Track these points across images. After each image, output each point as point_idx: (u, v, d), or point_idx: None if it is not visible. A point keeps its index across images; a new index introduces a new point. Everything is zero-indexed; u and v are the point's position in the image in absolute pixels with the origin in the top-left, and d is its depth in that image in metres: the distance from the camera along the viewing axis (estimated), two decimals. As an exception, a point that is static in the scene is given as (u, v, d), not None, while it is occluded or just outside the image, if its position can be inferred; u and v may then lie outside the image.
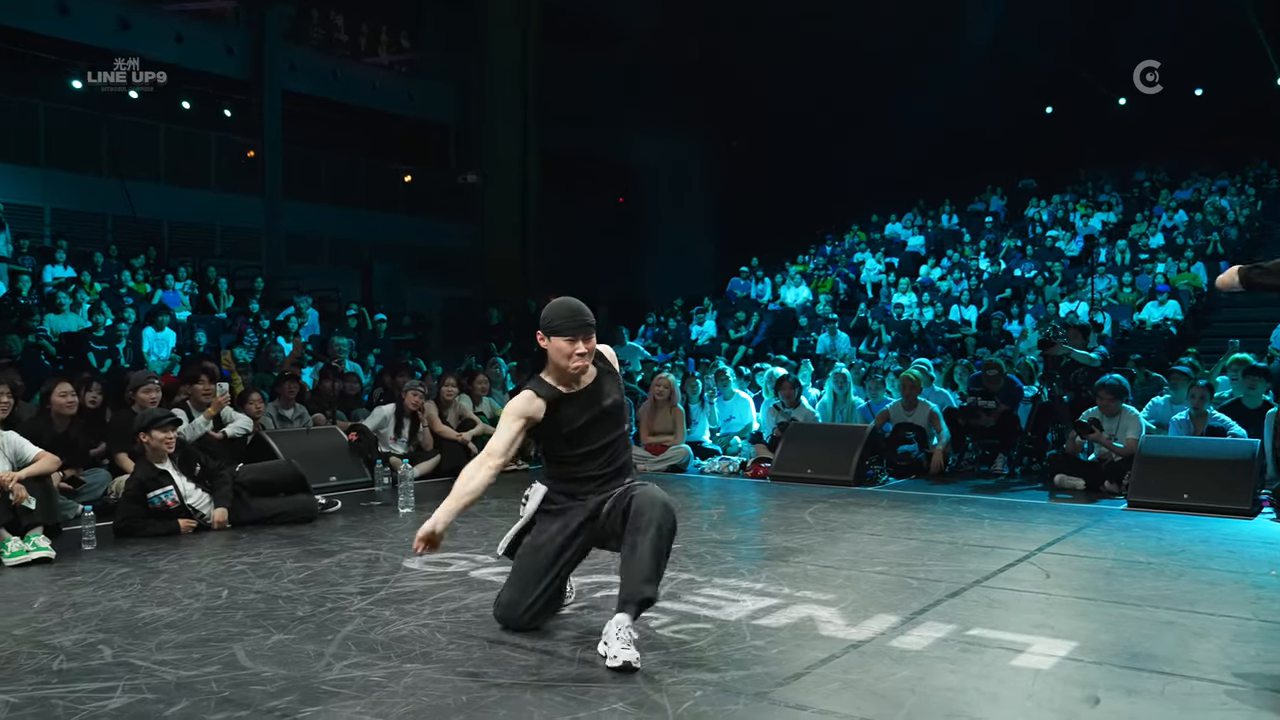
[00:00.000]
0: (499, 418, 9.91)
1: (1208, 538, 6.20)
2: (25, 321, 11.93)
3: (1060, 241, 20.46)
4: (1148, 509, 7.21)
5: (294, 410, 9.14)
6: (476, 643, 3.87)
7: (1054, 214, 22.17)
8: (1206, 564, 5.42)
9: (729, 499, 8.03)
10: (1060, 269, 18.62)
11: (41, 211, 17.36)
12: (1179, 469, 7.43)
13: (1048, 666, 3.59)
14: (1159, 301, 16.45)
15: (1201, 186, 22.07)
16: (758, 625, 4.12)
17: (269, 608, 4.44)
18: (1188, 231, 19.68)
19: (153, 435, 6.32)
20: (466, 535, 6.20)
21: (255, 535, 6.25)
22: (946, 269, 20.24)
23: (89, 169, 18.01)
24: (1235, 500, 7.09)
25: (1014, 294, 18.15)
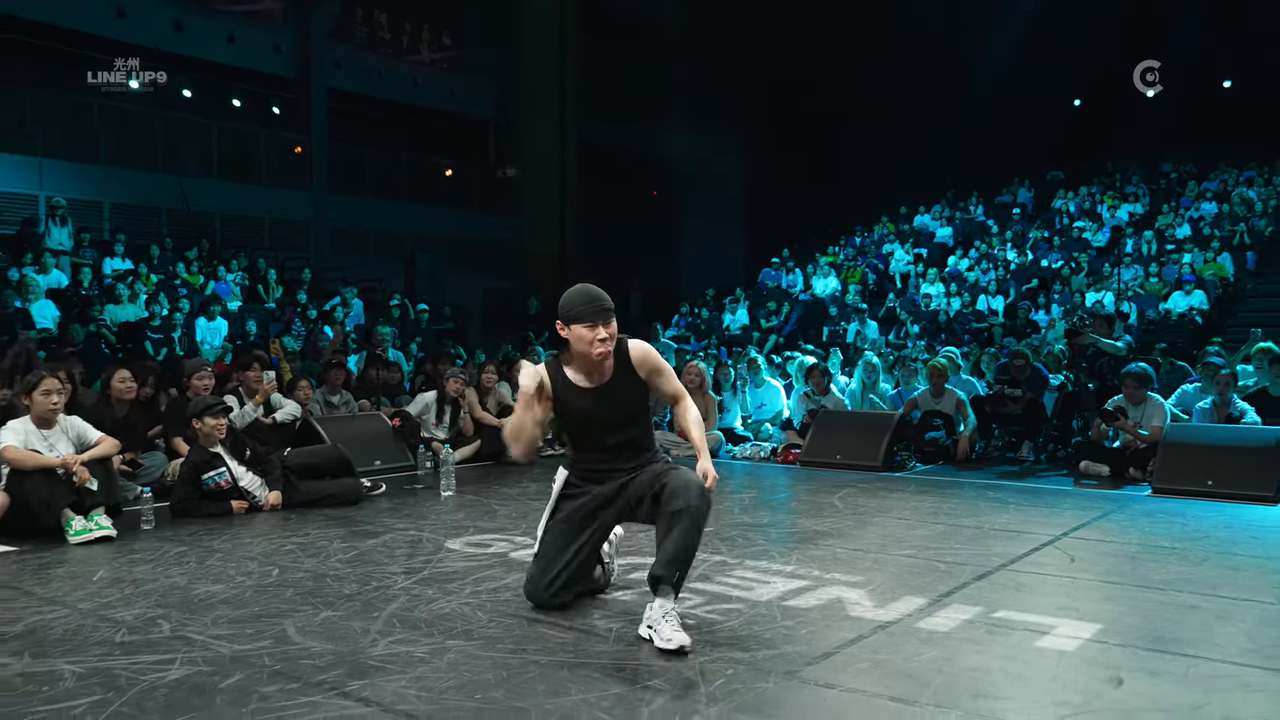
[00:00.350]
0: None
1: (1231, 524, 6.12)
2: (86, 312, 12.10)
3: (1087, 232, 20.22)
4: (1172, 495, 7.14)
5: (340, 397, 9.22)
6: (516, 621, 3.90)
7: (1081, 205, 21.91)
8: (1230, 549, 5.35)
9: (760, 484, 8.02)
10: (1087, 259, 18.42)
11: (101, 206, 17.61)
12: (1203, 456, 7.34)
13: (1072, 648, 3.56)
14: (1185, 291, 16.22)
15: (1229, 178, 21.70)
16: (788, 606, 4.12)
17: (317, 586, 4.49)
18: (1214, 222, 19.39)
19: (205, 421, 6.41)
20: (506, 518, 6.24)
21: (304, 516, 6.31)
22: (974, 259, 20.06)
23: (145, 165, 18.24)
24: (1259, 487, 6.99)
25: (1041, 284, 17.97)
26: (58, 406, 5.91)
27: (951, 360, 10.57)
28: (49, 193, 16.85)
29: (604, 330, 3.72)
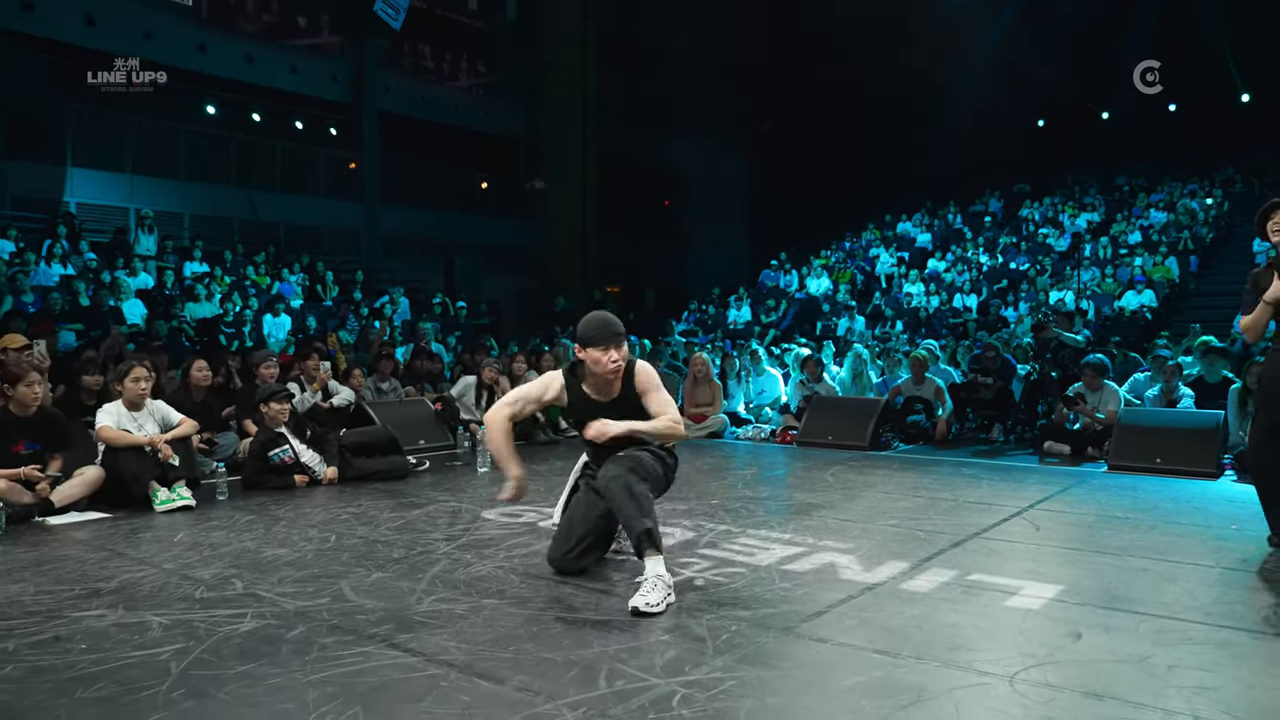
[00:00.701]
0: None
1: (1177, 496, 6.08)
2: (169, 309, 12.17)
3: (1050, 238, 20.07)
4: (1126, 471, 7.10)
5: (389, 384, 9.25)
6: (544, 583, 3.91)
7: (1045, 214, 21.75)
8: (1176, 519, 5.32)
9: (760, 462, 8.01)
10: (1050, 262, 18.29)
11: (182, 217, 17.69)
12: (1153, 437, 7.30)
13: (1037, 607, 3.55)
14: (1137, 291, 16.11)
15: (1175, 190, 21.54)
16: (785, 570, 4.12)
17: (369, 550, 4.50)
18: (1162, 230, 19.23)
19: (270, 406, 6.45)
20: (535, 492, 6.21)
21: (357, 490, 6.34)
22: (951, 262, 19.94)
23: (220, 180, 18.31)
24: (1202, 464, 6.96)
25: (1010, 284, 17.85)
26: (146, 392, 5.95)
27: (931, 352, 10.51)
28: (138, 205, 16.97)
29: (615, 353, 3.76)
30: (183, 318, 12.16)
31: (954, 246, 20.93)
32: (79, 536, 4.88)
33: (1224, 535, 4.84)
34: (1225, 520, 5.22)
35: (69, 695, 2.73)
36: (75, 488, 5.48)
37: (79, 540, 4.79)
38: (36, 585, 3.89)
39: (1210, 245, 18.57)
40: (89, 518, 5.33)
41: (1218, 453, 7.10)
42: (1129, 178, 23.09)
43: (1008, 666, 2.92)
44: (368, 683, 2.80)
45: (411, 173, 21.70)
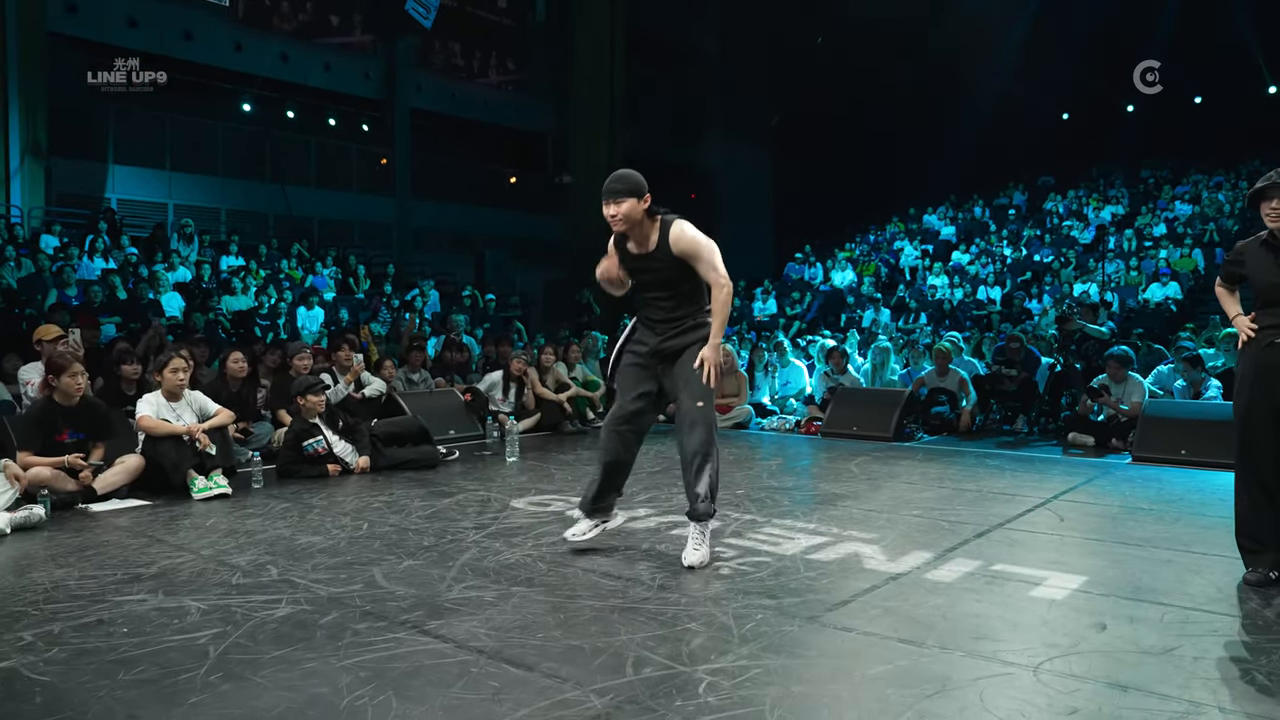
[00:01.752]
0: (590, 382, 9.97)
1: (1202, 488, 5.99)
2: (206, 302, 12.29)
3: (1075, 231, 19.81)
4: (1150, 463, 7.01)
5: (420, 375, 9.28)
6: (572, 571, 3.91)
7: (1069, 207, 21.48)
8: (1201, 511, 5.24)
9: (785, 452, 7.98)
10: (1075, 255, 18.05)
11: (219, 212, 17.86)
12: (1178, 428, 7.20)
13: (1061, 597, 3.51)
14: (1161, 283, 15.88)
15: (1200, 181, 21.20)
16: (810, 559, 4.09)
17: (400, 538, 4.53)
18: (1187, 222, 18.92)
19: (308, 399, 6.50)
20: (563, 480, 6.26)
21: (389, 478, 6.37)
22: (975, 255, 19.74)
23: (255, 176, 18.47)
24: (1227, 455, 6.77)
25: (1034, 276, 17.64)
26: (184, 382, 6.01)
27: (955, 344, 10.42)
28: (177, 201, 17.16)
29: (612, 208, 3.95)
30: (219, 310, 12.27)
31: (978, 239, 20.72)
32: (120, 523, 4.94)
33: (1250, 527, 4.76)
34: (1251, 512, 5.13)
35: (111, 677, 2.76)
36: (116, 475, 5.55)
37: (120, 527, 4.85)
38: (80, 570, 3.95)
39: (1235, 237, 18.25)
40: (130, 505, 5.40)
41: (1244, 445, 6.98)
42: (1153, 170, 22.76)
43: (1032, 657, 2.88)
44: (399, 668, 2.81)
45: (442, 168, 21.77)
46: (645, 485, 5.99)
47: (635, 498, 5.53)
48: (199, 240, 14.77)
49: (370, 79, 20.25)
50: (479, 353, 11.80)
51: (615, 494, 4.31)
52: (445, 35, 21.96)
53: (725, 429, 9.41)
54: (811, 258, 20.98)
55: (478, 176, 22.73)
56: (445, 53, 22.36)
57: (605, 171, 4.33)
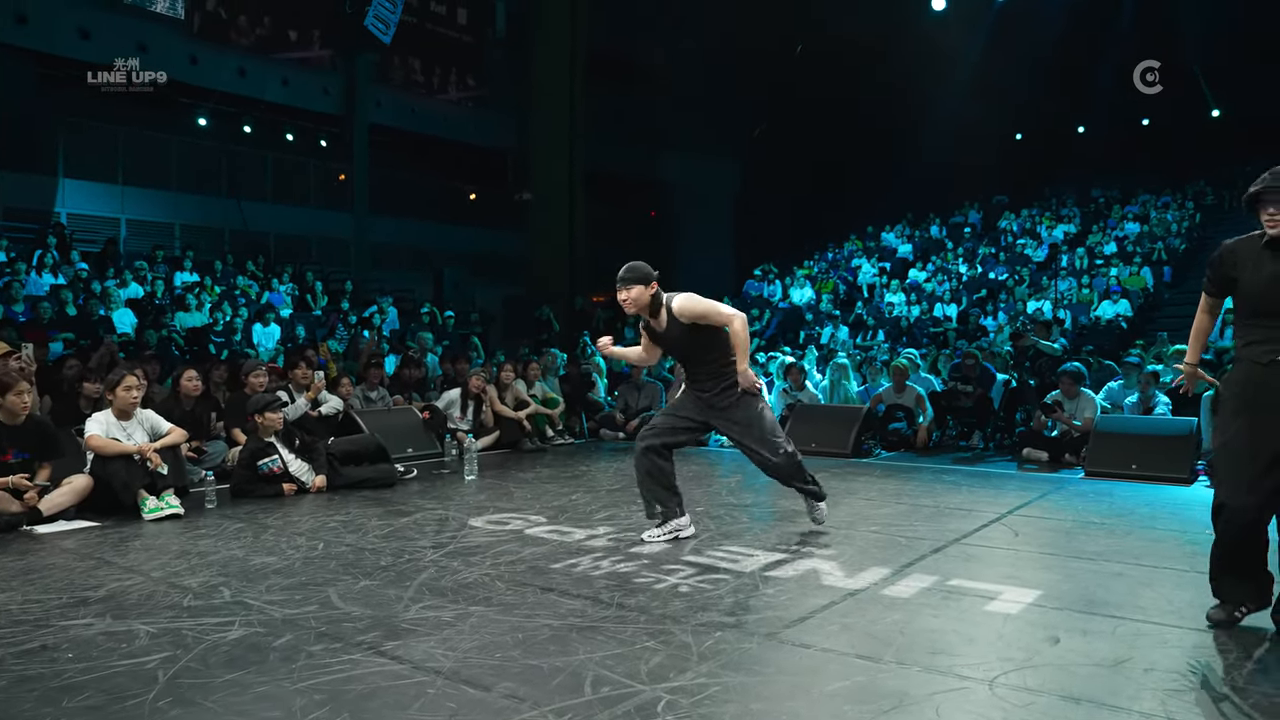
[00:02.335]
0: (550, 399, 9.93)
1: (1152, 502, 6.12)
2: (159, 319, 12.08)
3: (1028, 249, 20.20)
4: (1102, 477, 7.15)
5: (378, 393, 9.19)
6: (530, 590, 3.89)
7: (1023, 225, 21.90)
8: (1151, 524, 5.35)
9: (745, 469, 7.99)
10: (1028, 272, 18.39)
11: (173, 227, 17.58)
12: (1128, 443, 7.36)
13: (1016, 611, 3.56)
14: (1112, 301, 16.22)
15: (1148, 201, 21.75)
16: (769, 576, 4.11)
17: (357, 558, 4.48)
18: (1137, 241, 19.38)
19: (265, 416, 6.41)
20: (522, 499, 6.23)
21: (345, 498, 6.30)
22: (931, 272, 20.03)
23: (211, 191, 18.22)
24: (1176, 470, 7.01)
25: (989, 294, 17.94)
26: (137, 400, 5.91)
27: (911, 360, 10.56)
28: (129, 215, 16.87)
29: (623, 293, 4.63)
30: (173, 327, 12.07)
31: (934, 257, 21.03)
32: (67, 545, 4.82)
33: (1198, 540, 4.85)
34: (1199, 525, 5.23)
35: (56, 704, 2.69)
36: (63, 496, 5.43)
37: (67, 549, 4.73)
38: (24, 594, 3.85)
39: (1183, 256, 18.73)
40: (77, 526, 5.27)
41: (1191, 459, 7.15)
42: (1104, 190, 23.30)
43: (987, 671, 2.92)
44: (355, 690, 2.77)
45: (401, 183, 21.66)
46: (604, 504, 5.98)
47: (594, 516, 5.53)
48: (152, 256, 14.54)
49: (329, 94, 20.11)
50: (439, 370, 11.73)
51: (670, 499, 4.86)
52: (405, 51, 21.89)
53: (686, 446, 9.44)
54: (771, 275, 21.16)
55: (437, 193, 22.64)
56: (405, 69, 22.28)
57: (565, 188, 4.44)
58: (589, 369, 11.71)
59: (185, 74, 17.20)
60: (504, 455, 8.71)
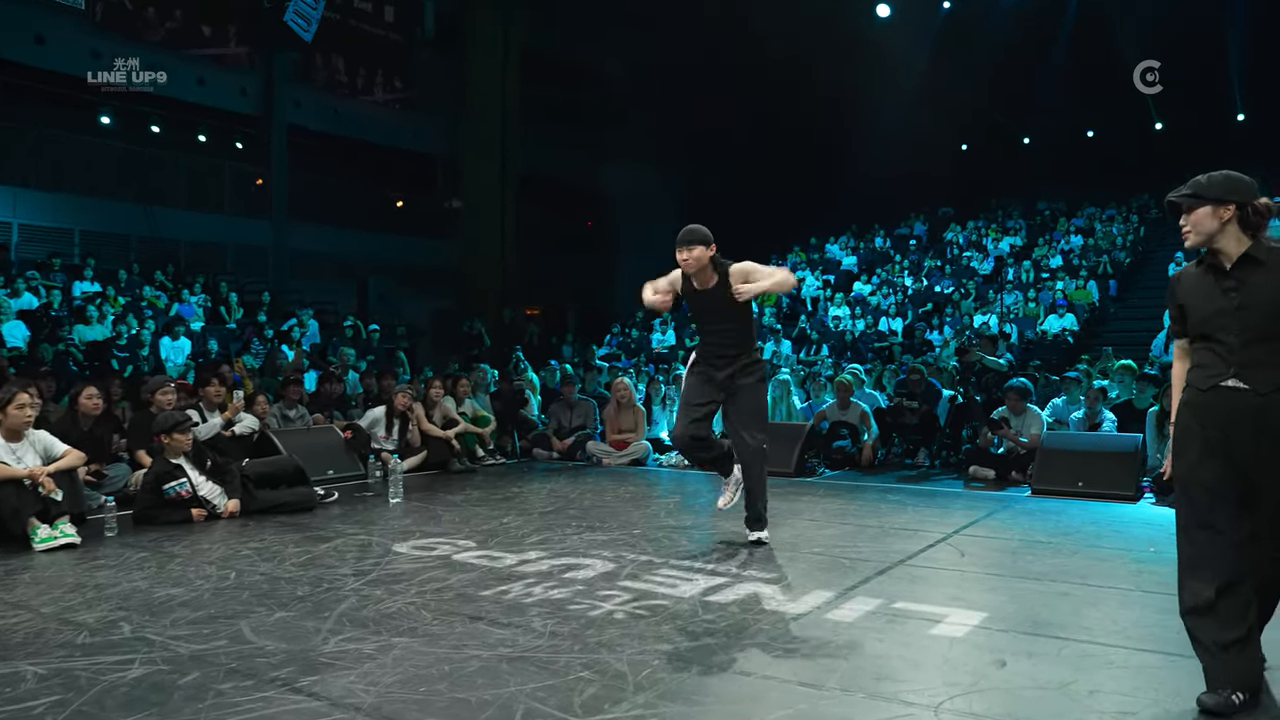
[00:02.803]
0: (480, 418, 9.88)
1: (1098, 520, 6.28)
2: (55, 332, 11.70)
3: (974, 261, 20.66)
4: (1048, 495, 7.31)
5: (296, 411, 9.05)
6: (458, 619, 3.84)
7: (969, 237, 22.40)
8: (1097, 543, 5.49)
9: (684, 489, 8.03)
10: (974, 286, 18.81)
11: (72, 233, 17.06)
12: (1074, 461, 7.54)
13: (962, 634, 3.62)
14: (1058, 315, 16.66)
15: (1094, 214, 22.45)
16: (709, 601, 4.12)
17: (272, 588, 4.38)
18: (1082, 254, 19.96)
19: (173, 437, 6.24)
20: (450, 523, 6.16)
21: (260, 523, 6.16)
22: (876, 285, 20.37)
23: (116, 195, 17.73)
24: (1121, 487, 7.21)
25: (934, 307, 18.28)
26: (30, 420, 5.70)
27: (856, 376, 10.69)
28: (22, 220, 16.33)
29: (684, 253, 5.13)
30: (70, 340, 11.71)
31: (879, 269, 21.41)
32: (-51, 578, 4.63)
33: (1143, 558, 5.01)
34: (1144, 543, 5.41)
35: (-69, 753, 2.57)
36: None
37: (-51, 582, 4.54)
38: (-102, 633, 3.68)
39: (1128, 269, 19.36)
40: (-39, 558, 5.07)
41: (1136, 476, 7.36)
42: (1049, 202, 23.99)
43: (933, 696, 2.96)
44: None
45: (323, 189, 21.34)
46: (537, 526, 5.94)
47: (526, 540, 5.49)
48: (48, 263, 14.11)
49: (246, 94, 19.75)
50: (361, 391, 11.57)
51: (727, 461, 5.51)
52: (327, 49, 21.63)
53: (622, 466, 9.44)
54: (712, 287, 21.29)
55: (362, 199, 22.35)
56: (328, 68, 22.01)
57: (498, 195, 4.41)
58: (521, 385, 11.66)
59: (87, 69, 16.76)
60: (431, 477, 8.62)
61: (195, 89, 18.64)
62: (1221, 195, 2.97)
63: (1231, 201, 2.96)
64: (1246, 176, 3.04)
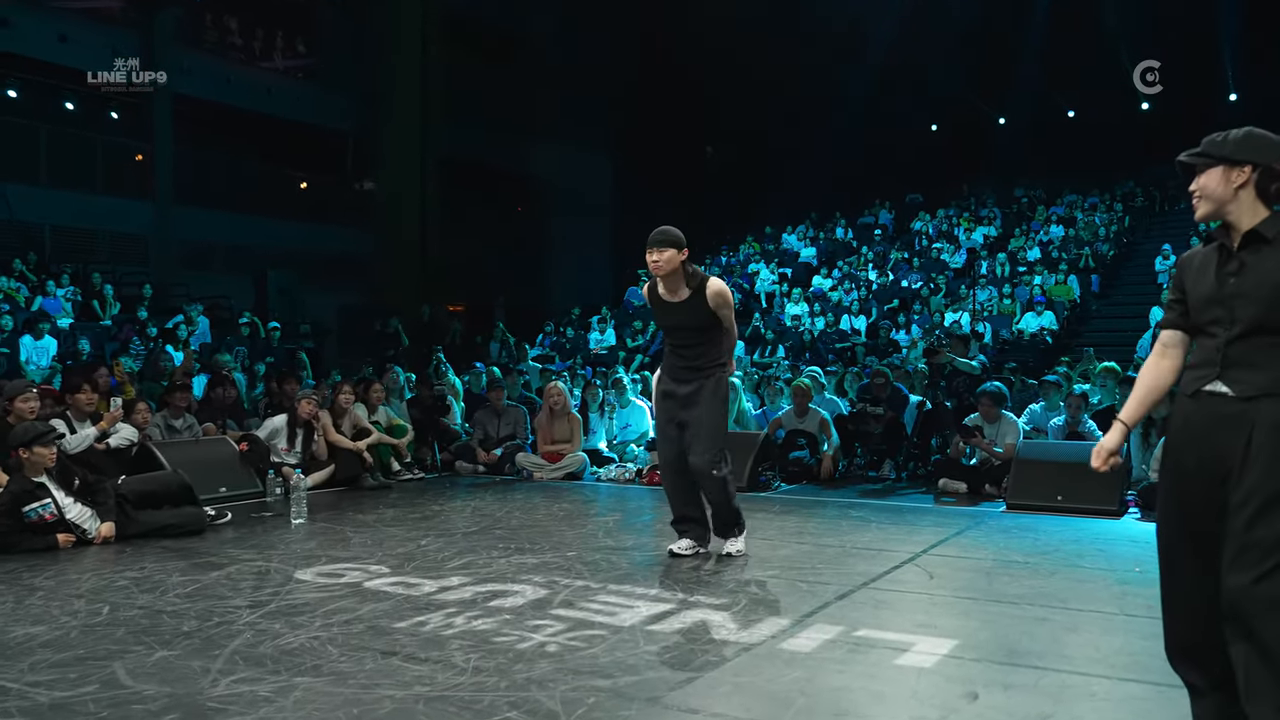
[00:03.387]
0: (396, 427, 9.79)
1: (1079, 537, 6.42)
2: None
3: (945, 254, 21.01)
4: (1025, 510, 7.45)
5: (183, 420, 8.88)
6: (369, 654, 3.80)
7: (939, 228, 22.79)
8: (1078, 562, 5.61)
9: (625, 506, 8.03)
10: (945, 280, 19.10)
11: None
12: (1053, 472, 7.68)
13: (930, 664, 3.67)
14: (1036, 312, 17.00)
15: (1075, 202, 22.93)
16: (651, 630, 4.12)
17: (152, 623, 4.28)
18: (1062, 246, 20.39)
19: (35, 451, 6.06)
20: (360, 545, 6.09)
21: (140, 549, 6.02)
22: (837, 280, 20.61)
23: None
24: (1104, 501, 7.36)
25: (901, 304, 18.57)
26: None
27: (815, 380, 10.79)
28: None
29: (655, 255, 5.29)
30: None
31: (841, 262, 21.67)
32: None
33: (1128, 579, 5.13)
34: (1129, 562, 5.54)
35: None
36: None
37: None
38: None
39: (1111, 263, 19.84)
40: None
41: (1120, 489, 7.53)
42: (1027, 189, 24.47)
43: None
44: (143, 786, 2.64)
45: (215, 168, 20.99)
46: (459, 549, 5.90)
47: (447, 564, 5.45)
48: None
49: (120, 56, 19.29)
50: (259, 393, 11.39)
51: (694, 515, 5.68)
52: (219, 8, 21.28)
53: (556, 480, 9.42)
54: (658, 282, 21.37)
55: (259, 180, 22.02)
56: (219, 29, 21.65)
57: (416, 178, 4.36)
58: (443, 390, 11.58)
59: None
60: (340, 494, 8.52)
61: (57, 47, 18.12)
62: (1235, 154, 2.72)
63: (1248, 163, 2.71)
64: (1276, 136, 2.79)
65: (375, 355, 16.35)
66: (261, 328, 15.77)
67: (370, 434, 9.25)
